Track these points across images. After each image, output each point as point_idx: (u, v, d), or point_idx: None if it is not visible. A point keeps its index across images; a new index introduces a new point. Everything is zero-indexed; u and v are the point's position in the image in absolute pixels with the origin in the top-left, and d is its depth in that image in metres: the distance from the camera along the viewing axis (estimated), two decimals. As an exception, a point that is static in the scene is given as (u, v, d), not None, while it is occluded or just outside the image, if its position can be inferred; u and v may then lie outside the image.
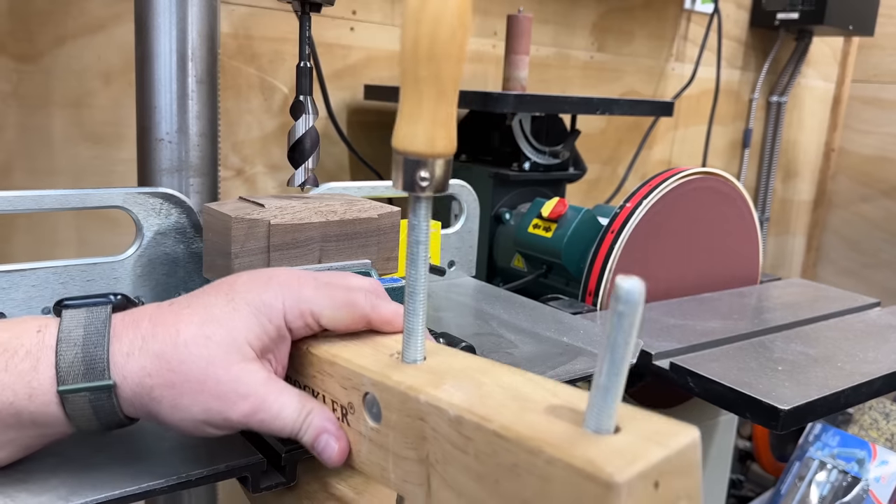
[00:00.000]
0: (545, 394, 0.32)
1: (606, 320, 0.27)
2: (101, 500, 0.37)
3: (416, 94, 0.33)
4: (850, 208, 2.03)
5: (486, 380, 0.35)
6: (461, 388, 0.34)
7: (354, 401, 0.38)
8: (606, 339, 0.27)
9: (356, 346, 0.41)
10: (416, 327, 0.37)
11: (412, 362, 0.38)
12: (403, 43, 0.33)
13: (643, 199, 0.86)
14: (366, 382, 0.37)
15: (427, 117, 0.33)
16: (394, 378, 0.36)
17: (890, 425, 1.51)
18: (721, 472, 1.03)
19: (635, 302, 0.26)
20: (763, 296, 0.97)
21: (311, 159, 0.60)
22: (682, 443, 0.28)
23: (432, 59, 0.32)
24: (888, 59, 1.92)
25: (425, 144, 0.33)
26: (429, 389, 0.34)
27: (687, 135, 1.70)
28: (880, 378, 0.71)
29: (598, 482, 0.26)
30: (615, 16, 1.49)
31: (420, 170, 0.33)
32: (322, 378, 0.41)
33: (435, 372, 0.36)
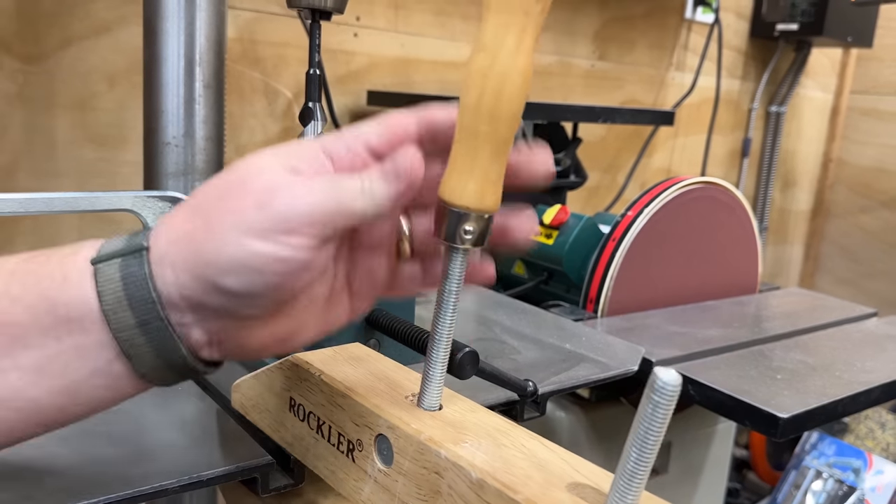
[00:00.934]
0: (567, 468, 0.32)
1: (639, 408, 0.27)
2: (115, 499, 0.37)
3: (473, 149, 0.33)
4: (849, 218, 2.04)
5: (507, 442, 0.35)
6: (483, 449, 0.34)
7: (364, 439, 0.38)
8: (638, 426, 0.27)
9: (371, 381, 0.40)
10: (436, 374, 0.37)
11: (429, 409, 0.37)
12: (467, 97, 0.33)
13: (644, 207, 0.87)
14: (381, 424, 0.36)
15: (480, 173, 0.33)
16: (413, 426, 0.35)
17: (886, 435, 1.52)
18: (718, 480, 1.04)
19: (671, 395, 0.26)
20: (762, 304, 0.98)
21: (318, 165, 0.60)
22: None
23: (494, 117, 0.32)
24: (886, 70, 1.93)
25: (475, 199, 0.33)
26: (450, 445, 0.34)
27: (687, 143, 1.71)
28: (878, 387, 0.72)
29: None
30: (617, 25, 1.50)
31: (464, 223, 0.34)
32: (331, 408, 0.40)
33: (454, 425, 0.36)
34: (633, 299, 0.88)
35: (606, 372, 0.63)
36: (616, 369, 0.64)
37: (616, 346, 0.69)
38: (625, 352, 0.68)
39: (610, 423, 0.86)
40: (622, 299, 0.87)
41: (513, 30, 0.32)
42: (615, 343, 0.70)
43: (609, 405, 0.87)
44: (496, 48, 0.32)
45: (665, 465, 0.94)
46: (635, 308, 0.88)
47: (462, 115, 0.33)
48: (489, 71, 0.32)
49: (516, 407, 0.56)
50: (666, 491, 0.95)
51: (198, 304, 0.33)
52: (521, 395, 0.55)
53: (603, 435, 0.85)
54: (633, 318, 0.86)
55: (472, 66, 0.33)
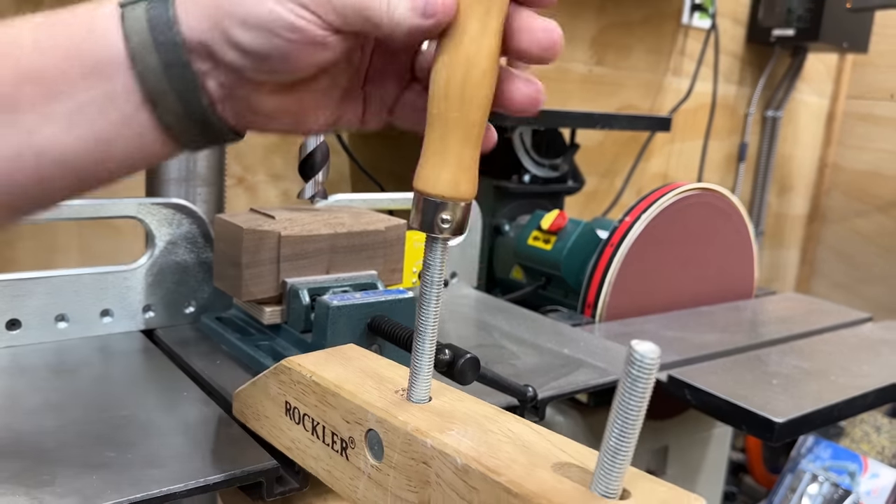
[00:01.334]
0: (553, 449, 0.33)
1: (619, 383, 0.27)
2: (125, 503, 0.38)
3: (444, 137, 0.33)
4: (844, 223, 2.05)
5: (494, 428, 0.35)
6: (468, 435, 0.34)
7: (356, 436, 0.38)
8: (618, 402, 0.27)
9: (360, 378, 0.40)
10: (423, 367, 0.37)
11: (418, 402, 0.37)
12: (435, 85, 0.33)
13: (642, 213, 0.88)
14: (370, 419, 0.37)
15: (453, 161, 0.33)
16: (400, 418, 0.35)
17: (881, 438, 1.53)
18: (715, 483, 1.05)
19: (650, 367, 0.26)
20: (758, 310, 0.99)
21: (321, 173, 0.61)
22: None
23: (463, 102, 0.33)
24: (882, 76, 1.95)
25: (449, 188, 0.33)
26: (435, 433, 0.34)
27: (683, 148, 1.72)
28: (873, 392, 0.73)
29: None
30: (614, 30, 1.51)
31: (441, 212, 0.33)
32: (324, 408, 0.40)
33: (441, 415, 0.36)
34: (631, 304, 0.89)
35: (605, 377, 0.64)
36: (614, 374, 0.64)
37: (614, 350, 0.70)
38: (622, 357, 0.68)
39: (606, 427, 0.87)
40: (620, 304, 0.88)
41: (476, 12, 0.33)
42: (613, 348, 0.71)
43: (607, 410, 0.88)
44: (461, 33, 0.33)
45: (662, 469, 0.95)
46: (633, 313, 0.89)
47: (431, 103, 0.33)
48: (455, 58, 0.32)
49: (516, 412, 0.57)
50: (663, 494, 0.96)
51: (213, 54, 0.34)
52: (520, 400, 0.56)
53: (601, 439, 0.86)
54: (631, 323, 0.87)
55: (438, 54, 0.33)
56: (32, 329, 0.60)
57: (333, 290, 0.62)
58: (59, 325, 0.62)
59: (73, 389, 0.53)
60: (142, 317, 0.66)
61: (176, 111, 0.35)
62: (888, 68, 1.93)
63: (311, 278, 0.63)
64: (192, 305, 0.68)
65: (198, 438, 0.47)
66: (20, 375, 0.55)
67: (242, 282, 0.60)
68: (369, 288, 0.65)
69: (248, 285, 0.60)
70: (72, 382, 0.54)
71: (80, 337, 0.63)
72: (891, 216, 1.95)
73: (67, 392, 0.53)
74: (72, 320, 0.62)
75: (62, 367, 0.57)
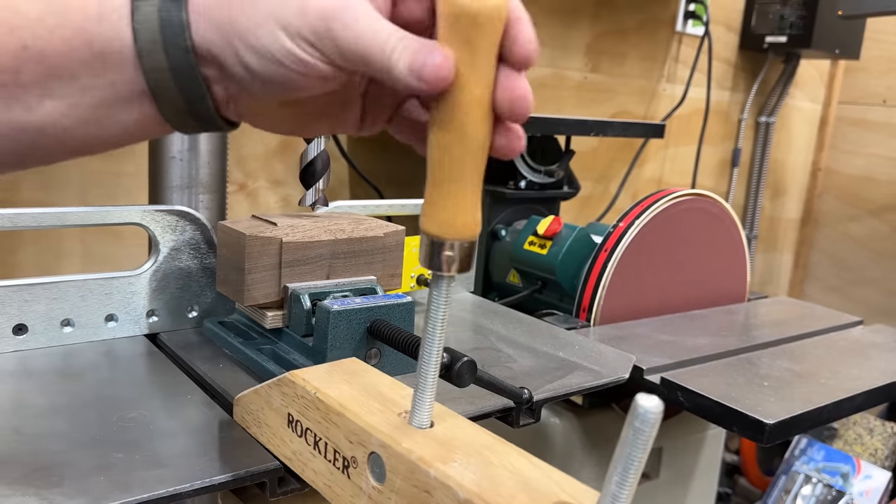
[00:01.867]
0: (553, 486, 0.33)
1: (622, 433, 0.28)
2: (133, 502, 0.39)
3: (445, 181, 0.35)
4: (837, 227, 2.07)
5: (495, 461, 0.36)
6: (471, 468, 0.34)
7: (359, 456, 0.39)
8: (621, 450, 0.28)
9: (365, 399, 0.41)
10: (426, 393, 0.38)
11: (420, 426, 0.38)
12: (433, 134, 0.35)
13: (635, 218, 0.89)
14: (374, 443, 0.38)
15: (454, 203, 0.35)
16: (404, 445, 0.36)
17: (874, 440, 1.55)
18: (709, 485, 1.06)
19: (653, 422, 0.27)
20: (750, 313, 1.00)
21: (321, 180, 0.63)
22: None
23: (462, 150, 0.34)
24: (874, 81, 1.97)
25: (454, 229, 0.35)
26: (439, 464, 0.35)
27: (678, 153, 1.74)
28: (861, 394, 0.74)
29: None
30: (609, 38, 1.53)
31: (446, 251, 0.35)
32: (327, 426, 0.41)
33: (444, 443, 0.37)
34: (625, 308, 0.91)
35: (599, 380, 0.65)
36: (608, 377, 0.66)
37: (608, 354, 0.72)
38: (616, 360, 0.70)
39: (602, 429, 0.88)
40: (614, 308, 0.89)
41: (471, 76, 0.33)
42: (607, 351, 0.72)
43: (601, 412, 0.89)
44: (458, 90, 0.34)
45: (656, 471, 0.96)
46: (627, 317, 0.91)
47: (431, 148, 0.35)
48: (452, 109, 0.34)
49: (512, 414, 0.58)
50: (657, 496, 0.97)
51: (221, 65, 0.35)
52: (516, 402, 0.57)
53: (596, 441, 0.88)
54: (625, 326, 0.88)
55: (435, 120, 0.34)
56: (39, 334, 0.62)
57: (334, 294, 0.64)
58: (65, 329, 0.63)
59: (79, 393, 0.54)
60: (146, 321, 0.67)
61: (178, 108, 0.36)
62: (880, 74, 1.95)
63: (311, 283, 0.64)
64: (195, 310, 0.70)
65: (202, 440, 0.49)
66: (28, 379, 0.56)
67: (245, 287, 0.61)
68: (369, 293, 0.66)
69: (250, 290, 0.61)
70: (78, 386, 0.56)
71: (86, 341, 0.64)
72: (883, 220, 1.97)
73: (74, 395, 0.54)
74: (77, 325, 0.63)
75: (68, 370, 0.58)
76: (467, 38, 0.33)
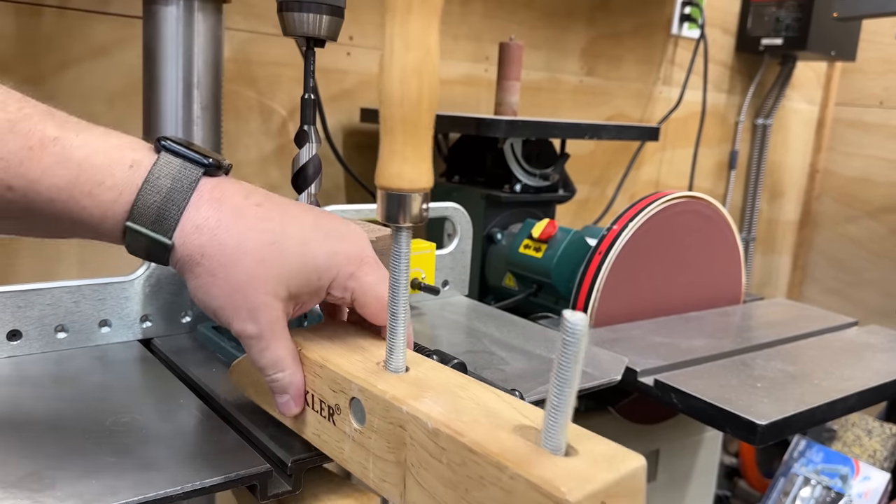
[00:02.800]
0: (515, 413, 0.36)
1: (556, 349, 0.30)
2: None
3: (397, 138, 0.37)
4: (835, 228, 2.07)
5: (463, 395, 0.38)
6: (440, 402, 0.37)
7: (341, 403, 0.42)
8: (555, 365, 0.30)
9: (345, 351, 0.45)
10: (398, 342, 0.41)
11: (395, 371, 0.42)
12: (387, 94, 0.37)
13: (629, 221, 0.89)
14: (353, 388, 0.41)
15: (413, 158, 0.37)
16: (379, 387, 0.39)
17: (873, 442, 1.55)
18: (706, 486, 1.06)
19: (579, 333, 0.29)
20: (746, 315, 1.00)
21: (313, 185, 0.63)
22: (630, 468, 0.32)
23: (414, 107, 0.37)
24: (870, 83, 1.97)
25: (407, 181, 0.37)
26: (410, 401, 0.38)
27: (674, 156, 1.75)
28: (854, 395, 0.74)
29: (553, 499, 0.29)
30: (604, 41, 1.53)
31: (402, 203, 0.38)
32: (312, 379, 0.45)
33: (416, 384, 0.40)
34: (620, 311, 0.91)
35: (591, 381, 0.65)
36: (600, 379, 0.66)
37: (601, 356, 0.72)
38: (609, 362, 0.70)
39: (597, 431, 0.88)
40: (609, 311, 0.89)
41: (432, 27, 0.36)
42: (600, 354, 0.73)
43: (597, 414, 0.90)
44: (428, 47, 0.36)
45: (653, 474, 0.97)
46: (622, 319, 0.91)
47: (382, 108, 0.37)
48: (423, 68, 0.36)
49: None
50: (654, 499, 0.97)
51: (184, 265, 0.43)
52: (508, 404, 0.58)
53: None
54: (620, 329, 0.88)
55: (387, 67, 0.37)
56: (33, 339, 0.62)
57: (326, 299, 0.64)
58: (59, 335, 0.63)
59: (72, 398, 0.55)
60: (139, 326, 0.67)
61: (139, 255, 0.43)
62: (877, 75, 1.96)
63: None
64: (188, 315, 0.70)
65: (194, 443, 0.49)
66: (22, 384, 0.56)
67: (237, 292, 0.61)
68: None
69: (243, 295, 0.62)
70: (71, 391, 0.56)
71: (80, 347, 0.64)
72: (881, 221, 1.97)
73: (67, 400, 0.54)
74: (71, 330, 0.64)
75: (62, 375, 0.59)
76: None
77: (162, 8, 0.74)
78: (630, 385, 0.75)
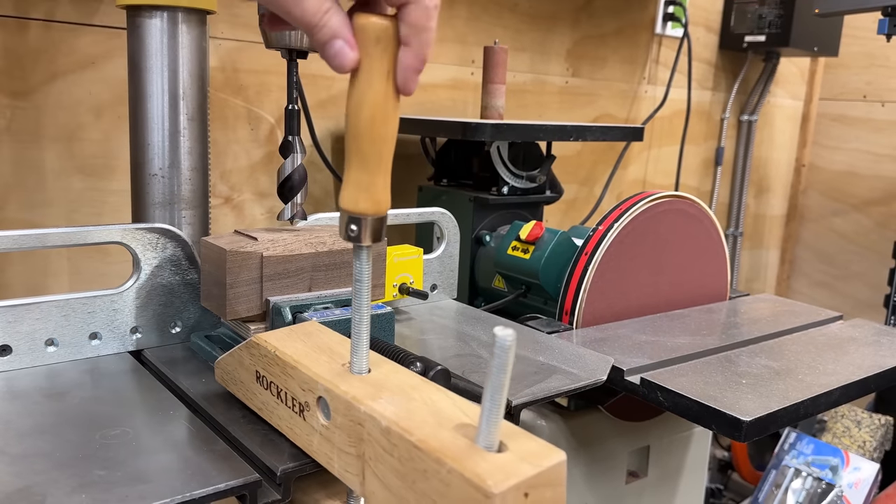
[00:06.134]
0: (458, 413, 0.40)
1: (490, 359, 0.34)
2: (114, 519, 0.40)
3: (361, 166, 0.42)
4: (822, 222, 2.09)
5: (416, 396, 0.43)
6: (394, 402, 0.42)
7: (310, 401, 0.46)
8: (489, 373, 0.34)
9: (315, 354, 0.49)
10: (361, 346, 0.46)
11: (358, 373, 0.46)
12: (350, 127, 0.41)
13: (614, 221, 0.90)
14: (320, 388, 0.45)
15: (371, 186, 0.43)
16: (342, 388, 0.44)
17: (862, 433, 1.56)
18: (697, 481, 1.07)
19: (507, 347, 0.33)
20: (731, 311, 1.01)
21: (299, 195, 0.64)
22: (551, 463, 0.35)
23: (374, 140, 0.41)
24: (854, 77, 1.99)
25: (367, 206, 0.42)
26: (368, 401, 0.42)
27: (661, 154, 1.76)
28: (838, 389, 0.75)
29: (481, 491, 0.34)
30: (589, 42, 1.54)
31: (360, 225, 0.43)
32: (285, 378, 0.49)
33: (375, 385, 0.44)
34: (607, 310, 0.92)
35: (577, 382, 0.66)
36: (586, 379, 0.67)
37: (587, 357, 0.73)
38: (595, 362, 0.71)
39: (588, 430, 0.89)
40: (596, 311, 0.90)
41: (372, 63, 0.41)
42: (586, 354, 0.73)
43: (587, 413, 0.90)
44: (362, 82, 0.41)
45: (644, 469, 0.98)
46: (609, 318, 0.92)
47: (349, 141, 0.42)
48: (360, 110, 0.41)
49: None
50: (645, 495, 0.98)
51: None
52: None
53: (582, 441, 0.89)
54: (607, 328, 0.89)
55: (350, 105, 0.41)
56: (23, 354, 0.62)
57: (315, 307, 0.65)
58: (49, 349, 0.64)
59: (63, 412, 0.55)
60: (130, 338, 0.68)
61: None
62: (860, 69, 1.97)
63: (293, 296, 0.65)
64: (178, 326, 0.71)
65: (184, 455, 0.49)
66: (12, 400, 0.57)
67: (227, 301, 0.62)
68: (350, 304, 0.67)
69: (232, 304, 0.62)
70: (62, 405, 0.56)
71: (70, 360, 0.65)
72: (867, 214, 1.99)
73: (58, 414, 0.55)
74: (61, 344, 0.64)
75: (53, 390, 0.59)
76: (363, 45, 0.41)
77: (146, 20, 0.74)
78: (617, 384, 0.76)
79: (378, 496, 0.41)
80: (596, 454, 0.91)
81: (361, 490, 0.42)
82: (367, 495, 0.42)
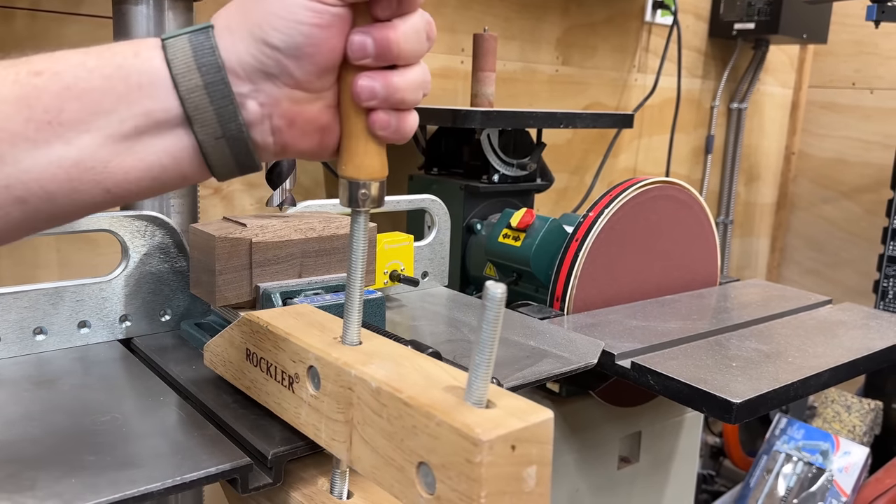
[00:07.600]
0: (448, 377, 0.41)
1: (480, 315, 0.35)
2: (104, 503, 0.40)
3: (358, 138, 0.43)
4: (812, 210, 2.10)
5: (406, 363, 0.43)
6: (384, 368, 0.42)
7: (300, 372, 0.47)
8: (479, 328, 0.35)
9: (307, 328, 0.49)
10: (353, 316, 0.46)
11: (350, 343, 0.46)
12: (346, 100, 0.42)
13: (604, 208, 0.91)
14: (311, 357, 0.46)
15: (370, 153, 0.43)
16: (333, 355, 0.44)
17: (852, 417, 1.57)
18: (689, 466, 1.08)
19: (498, 300, 0.34)
20: (721, 297, 1.02)
21: (288, 181, 0.64)
22: (538, 419, 0.36)
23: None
24: (842, 65, 2.00)
25: (366, 171, 0.43)
26: (359, 366, 0.43)
27: (651, 143, 1.76)
28: (827, 371, 0.76)
29: (469, 440, 0.34)
30: (578, 31, 1.54)
31: (361, 190, 0.43)
32: (276, 352, 0.49)
33: (366, 353, 0.45)
34: (598, 296, 0.92)
35: (567, 366, 0.66)
36: (577, 363, 0.67)
37: (578, 341, 0.73)
38: (586, 346, 0.71)
39: (580, 415, 0.90)
40: (587, 297, 0.90)
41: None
42: (577, 339, 0.74)
43: (579, 399, 0.91)
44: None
45: (636, 455, 0.98)
46: (600, 304, 0.92)
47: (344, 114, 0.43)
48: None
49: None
50: (637, 480, 0.99)
51: (252, 71, 0.39)
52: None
53: (574, 427, 0.89)
54: (597, 314, 0.90)
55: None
56: (11, 343, 0.62)
57: (305, 292, 0.65)
58: (38, 337, 0.63)
59: (53, 399, 0.55)
60: (119, 326, 0.68)
61: (213, 131, 0.39)
62: (848, 57, 1.98)
63: (283, 282, 0.65)
64: (167, 314, 0.70)
65: (175, 440, 0.49)
66: (1, 388, 0.57)
67: (216, 288, 0.62)
68: (341, 290, 0.67)
69: (222, 291, 0.62)
70: (52, 392, 0.56)
71: (59, 349, 0.64)
72: (856, 201, 2.00)
73: (47, 402, 0.55)
74: (50, 333, 0.64)
75: (42, 378, 0.59)
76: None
77: (132, 7, 0.73)
78: (608, 368, 0.76)
79: (364, 461, 0.41)
80: (588, 440, 0.92)
81: (348, 457, 0.43)
82: (354, 461, 0.43)
